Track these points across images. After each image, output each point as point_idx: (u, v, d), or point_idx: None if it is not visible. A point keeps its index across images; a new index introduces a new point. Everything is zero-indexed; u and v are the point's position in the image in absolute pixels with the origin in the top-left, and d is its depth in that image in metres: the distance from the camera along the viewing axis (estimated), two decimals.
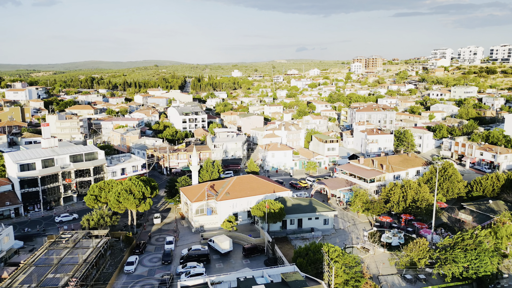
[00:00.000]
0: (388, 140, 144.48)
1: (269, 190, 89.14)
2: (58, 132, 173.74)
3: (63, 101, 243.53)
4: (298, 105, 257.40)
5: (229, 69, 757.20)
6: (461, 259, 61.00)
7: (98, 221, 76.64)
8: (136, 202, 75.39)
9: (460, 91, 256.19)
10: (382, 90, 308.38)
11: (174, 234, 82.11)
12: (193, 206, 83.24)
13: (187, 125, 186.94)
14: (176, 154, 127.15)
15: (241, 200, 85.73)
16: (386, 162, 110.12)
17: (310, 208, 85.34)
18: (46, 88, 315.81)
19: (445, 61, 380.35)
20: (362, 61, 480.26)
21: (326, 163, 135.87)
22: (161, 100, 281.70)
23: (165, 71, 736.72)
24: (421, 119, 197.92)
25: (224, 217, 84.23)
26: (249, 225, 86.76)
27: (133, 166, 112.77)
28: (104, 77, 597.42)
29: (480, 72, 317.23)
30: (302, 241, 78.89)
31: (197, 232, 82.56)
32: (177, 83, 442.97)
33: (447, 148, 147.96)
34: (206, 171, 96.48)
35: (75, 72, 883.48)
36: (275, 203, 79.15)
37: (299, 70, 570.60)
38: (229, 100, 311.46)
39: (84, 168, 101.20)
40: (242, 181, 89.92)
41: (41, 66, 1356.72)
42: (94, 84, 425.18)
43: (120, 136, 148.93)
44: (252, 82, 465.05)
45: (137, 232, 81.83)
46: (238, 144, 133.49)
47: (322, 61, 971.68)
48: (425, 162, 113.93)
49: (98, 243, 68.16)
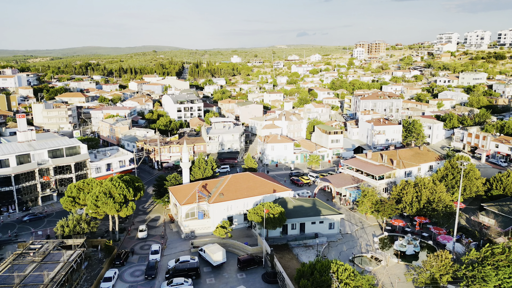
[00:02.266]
0: (396, 131, 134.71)
1: (268, 190, 79.95)
2: (45, 122, 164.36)
3: (54, 88, 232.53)
4: (299, 93, 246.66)
5: (229, 54, 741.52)
6: (491, 277, 52.10)
7: (74, 227, 67.58)
8: (116, 207, 66.18)
9: (468, 78, 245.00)
10: (386, 77, 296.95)
11: (162, 240, 73.20)
12: (182, 209, 74.14)
13: (182, 114, 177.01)
14: (168, 147, 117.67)
15: (237, 202, 76.61)
16: (396, 156, 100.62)
17: (314, 211, 76.28)
18: (37, 74, 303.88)
19: (451, 46, 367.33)
20: (364, 46, 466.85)
21: (330, 156, 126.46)
22: (157, 87, 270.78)
23: (163, 57, 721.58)
24: (429, 108, 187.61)
25: (217, 221, 75.25)
26: (245, 229, 77.81)
27: (120, 161, 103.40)
28: (101, 63, 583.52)
29: (488, 58, 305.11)
30: (305, 249, 70.10)
31: (187, 238, 73.65)
32: (174, 69, 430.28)
33: (459, 140, 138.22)
34: (198, 168, 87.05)
35: (72, 58, 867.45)
36: (275, 206, 70.03)
37: (300, 56, 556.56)
38: (227, 87, 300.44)
39: (64, 164, 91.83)
40: (238, 180, 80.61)
41: (39, 52, 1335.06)
42: (89, 70, 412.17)
43: (109, 127, 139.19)
44: (251, 68, 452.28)
45: (119, 239, 72.87)
46: (235, 136, 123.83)
47: (323, 47, 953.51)
48: (438, 157, 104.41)
49: (71, 256, 59.18)
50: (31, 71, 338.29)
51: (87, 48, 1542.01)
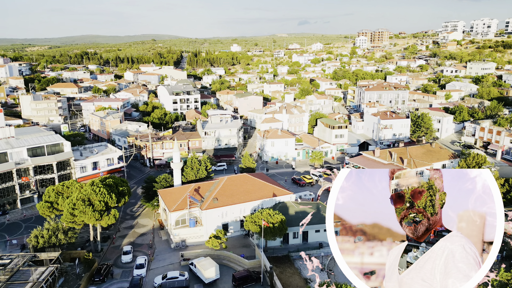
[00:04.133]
0: (404, 125, 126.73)
1: (267, 193, 72.46)
2: (34, 115, 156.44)
3: (46, 79, 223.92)
4: (301, 83, 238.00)
5: (228, 43, 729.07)
6: None
7: (49, 238, 60.24)
8: (96, 216, 58.73)
9: (476, 67, 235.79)
10: (390, 66, 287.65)
11: (149, 251, 65.94)
12: (171, 216, 66.72)
13: (178, 106, 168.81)
14: (161, 143, 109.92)
15: (232, 208, 69.18)
16: (406, 154, 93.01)
17: (318, 217, 68.67)
18: (30, 64, 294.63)
19: (457, 35, 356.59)
20: (367, 35, 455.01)
21: (334, 152, 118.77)
22: (153, 77, 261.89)
23: (162, 45, 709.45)
24: (437, 99, 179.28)
25: (211, 229, 67.91)
26: (242, 237, 70.53)
27: (108, 158, 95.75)
28: (99, 51, 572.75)
29: (496, 47, 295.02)
30: (308, 261, 62.71)
31: (177, 248, 66.39)
32: (172, 59, 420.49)
33: (470, 134, 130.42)
34: (191, 168, 79.41)
35: (70, 46, 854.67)
36: (274, 214, 62.60)
37: (301, 45, 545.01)
38: (226, 77, 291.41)
39: (45, 163, 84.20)
40: (234, 183, 73.07)
41: (37, 40, 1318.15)
42: (84, 59, 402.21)
43: (99, 121, 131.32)
44: (251, 57, 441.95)
45: (101, 249, 65.60)
46: (233, 131, 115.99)
47: (324, 35, 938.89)
48: (452, 155, 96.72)
49: (42, 273, 51.93)
50: (24, 60, 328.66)
51: (86, 37, 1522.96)
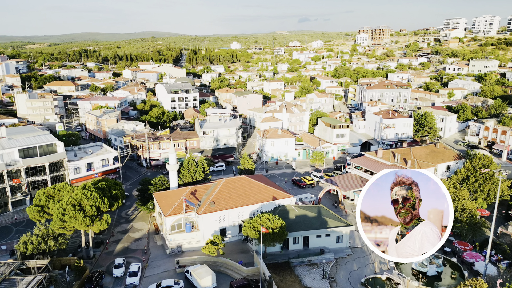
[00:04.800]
0: (407, 125, 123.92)
1: (267, 197, 69.78)
2: (29, 113, 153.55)
3: (42, 76, 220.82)
4: (301, 81, 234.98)
5: (228, 40, 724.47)
6: None
7: (38, 245, 57.63)
8: (86, 222, 56.08)
9: (479, 65, 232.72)
10: (391, 64, 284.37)
11: (143, 257, 63.34)
12: (167, 221, 64.08)
13: (177, 105, 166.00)
14: (158, 143, 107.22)
15: (230, 212, 66.53)
16: (410, 155, 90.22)
17: (320, 222, 66.24)
18: (28, 61, 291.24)
19: (459, 32, 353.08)
20: (368, 32, 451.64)
21: (335, 152, 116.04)
22: (152, 75, 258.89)
23: (161, 43, 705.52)
24: (439, 97, 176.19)
25: (208, 234, 65.31)
26: (240, 243, 67.91)
27: (103, 159, 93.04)
28: (98, 49, 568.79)
29: (498, 44, 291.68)
30: (309, 268, 60.27)
31: (172, 254, 63.82)
32: (172, 56, 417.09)
33: (474, 134, 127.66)
34: (187, 170, 76.66)
35: (70, 44, 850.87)
36: (274, 219, 59.95)
37: (301, 42, 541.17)
38: (226, 75, 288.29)
39: (37, 164, 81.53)
40: (232, 186, 70.39)
41: (37, 38, 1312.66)
42: (83, 57, 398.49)
43: (95, 120, 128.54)
44: (251, 55, 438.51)
45: (94, 256, 62.98)
46: (232, 131, 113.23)
47: (324, 33, 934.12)
48: (456, 155, 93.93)
49: (29, 283, 49.35)
50: (21, 58, 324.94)
51: (86, 34, 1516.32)
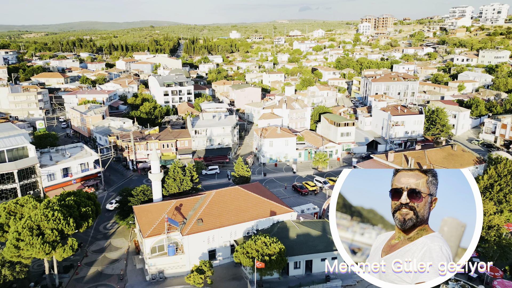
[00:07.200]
0: (417, 122, 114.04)
1: (264, 212, 60.40)
2: (12, 108, 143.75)
3: (30, 68, 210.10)
4: (302, 72, 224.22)
5: (228, 30, 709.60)
6: None
7: None
8: (46, 249, 46.71)
9: (489, 56, 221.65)
10: (396, 54, 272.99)
11: (118, 285, 54.18)
12: (146, 243, 54.75)
13: (170, 99, 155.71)
14: (145, 143, 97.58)
15: (221, 231, 57.19)
16: (424, 159, 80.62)
17: (325, 242, 56.93)
18: (18, 52, 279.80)
19: (465, 21, 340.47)
20: (371, 21, 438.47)
21: (339, 153, 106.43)
22: (146, 66, 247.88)
23: (159, 32, 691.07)
24: (449, 91, 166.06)
25: (194, 257, 56.07)
26: (232, 266, 58.67)
27: (82, 163, 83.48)
28: (95, 38, 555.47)
29: (508, 33, 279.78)
30: None
31: (153, 281, 54.67)
32: (169, 46, 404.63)
33: (490, 131, 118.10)
34: (173, 179, 67.11)
35: (67, 33, 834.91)
36: (272, 242, 50.67)
37: (302, 31, 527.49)
38: (224, 66, 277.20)
39: (4, 172, 72.04)
40: (224, 199, 60.91)
41: (35, 27, 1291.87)
42: (76, 47, 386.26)
43: (79, 116, 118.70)
44: (251, 44, 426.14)
45: (60, 284, 53.75)
46: (227, 129, 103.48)
47: (326, 22, 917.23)
48: (476, 159, 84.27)
49: None
50: (10, 48, 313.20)
51: (85, 23, 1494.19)
